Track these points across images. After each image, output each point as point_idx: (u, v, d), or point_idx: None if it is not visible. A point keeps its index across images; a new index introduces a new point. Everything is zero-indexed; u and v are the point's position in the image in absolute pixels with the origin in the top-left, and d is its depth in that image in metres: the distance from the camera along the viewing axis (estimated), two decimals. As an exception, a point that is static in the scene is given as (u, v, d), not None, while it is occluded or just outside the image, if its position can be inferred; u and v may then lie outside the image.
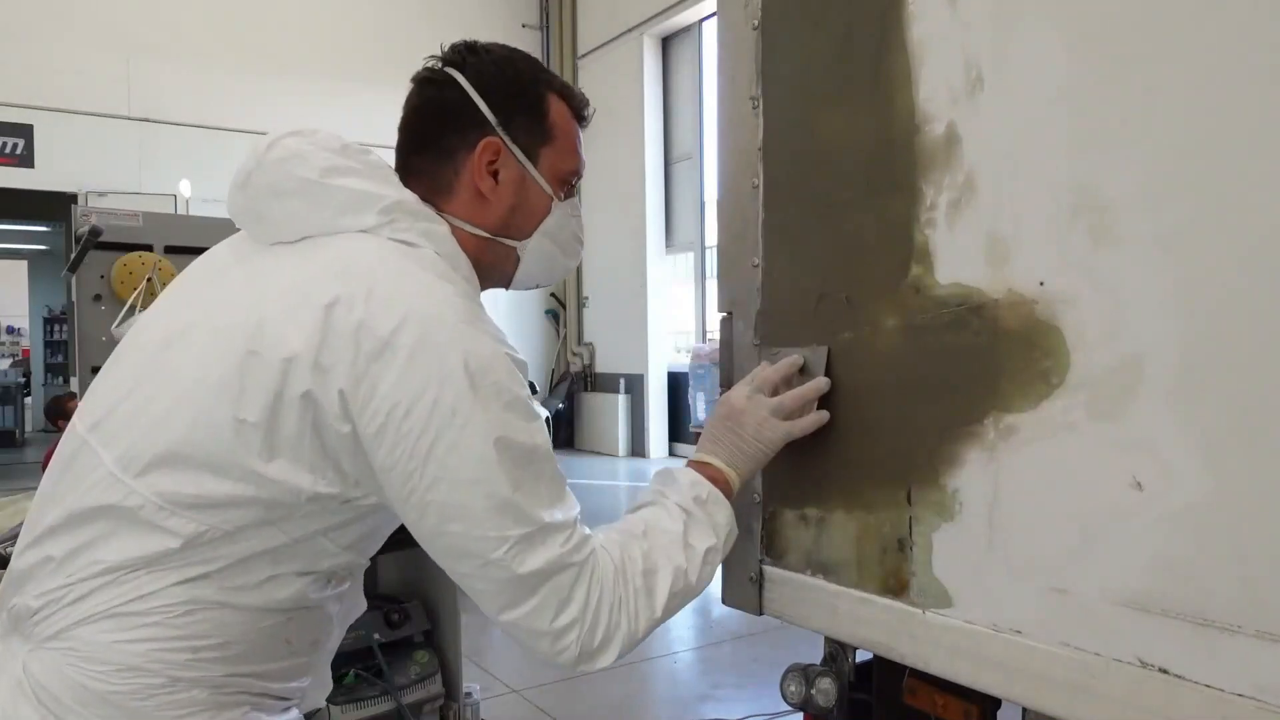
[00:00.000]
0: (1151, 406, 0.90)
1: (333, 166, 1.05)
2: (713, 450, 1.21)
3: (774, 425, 1.21)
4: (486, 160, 1.12)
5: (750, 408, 1.22)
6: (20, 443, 13.37)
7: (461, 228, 1.13)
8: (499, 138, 1.12)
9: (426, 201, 1.11)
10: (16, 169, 9.73)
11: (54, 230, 14.09)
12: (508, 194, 1.14)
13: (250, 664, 1.01)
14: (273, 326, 0.96)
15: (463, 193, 1.13)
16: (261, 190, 1.05)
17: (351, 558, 1.09)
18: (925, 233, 1.12)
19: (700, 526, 1.12)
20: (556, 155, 1.17)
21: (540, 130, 1.15)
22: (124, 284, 3.54)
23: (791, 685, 1.40)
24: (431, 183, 1.13)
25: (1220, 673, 0.85)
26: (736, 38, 1.42)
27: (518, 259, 1.19)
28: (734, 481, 1.19)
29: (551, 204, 1.18)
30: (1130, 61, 0.92)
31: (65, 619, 0.95)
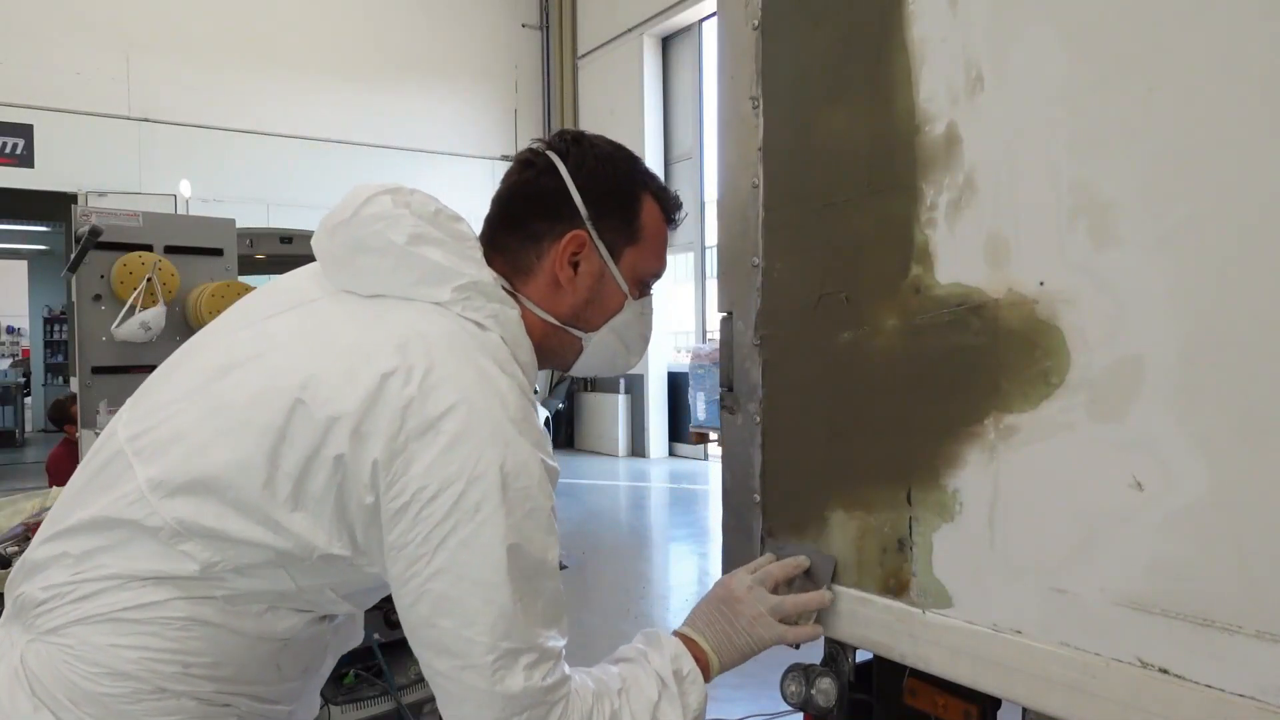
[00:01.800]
0: (1151, 406, 0.90)
1: (420, 235, 1.05)
2: (702, 631, 1.21)
3: (769, 625, 1.20)
4: (571, 251, 1.13)
5: (748, 600, 1.21)
6: (20, 443, 13.37)
7: (532, 311, 1.14)
8: (587, 232, 1.13)
9: (504, 277, 1.12)
10: (16, 169, 9.73)
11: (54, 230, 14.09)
12: (585, 287, 1.15)
13: (239, 684, 1.02)
14: (326, 382, 0.97)
15: (541, 277, 1.14)
16: (348, 242, 1.06)
17: (351, 607, 1.10)
18: (925, 233, 1.12)
19: (672, 703, 1.11)
20: (640, 256, 1.18)
21: (629, 230, 1.16)
22: (124, 284, 3.54)
23: (791, 685, 1.40)
24: (513, 260, 1.14)
25: (1220, 673, 0.85)
26: (736, 38, 1.42)
27: (581, 349, 1.20)
28: (714, 668, 1.19)
29: (625, 302, 1.19)
30: (1130, 61, 0.92)
31: (66, 615, 0.96)
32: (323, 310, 1.06)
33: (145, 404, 1.06)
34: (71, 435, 4.69)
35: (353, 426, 0.94)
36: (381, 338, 1.00)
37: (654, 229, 1.19)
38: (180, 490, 0.97)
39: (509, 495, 0.95)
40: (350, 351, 0.99)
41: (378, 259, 1.04)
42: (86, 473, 1.05)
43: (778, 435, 1.36)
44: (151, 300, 3.55)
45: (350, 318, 1.04)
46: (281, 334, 1.05)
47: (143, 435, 1.02)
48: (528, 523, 0.97)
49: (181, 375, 1.07)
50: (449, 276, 1.05)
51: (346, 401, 0.95)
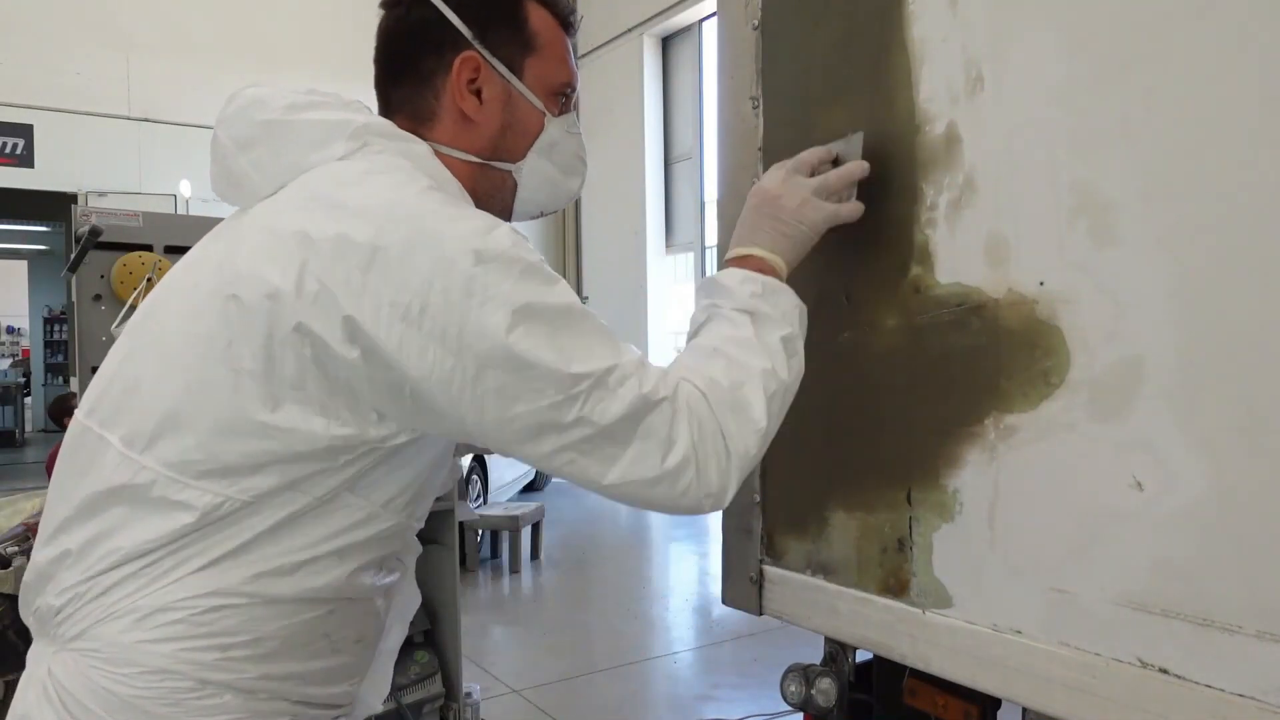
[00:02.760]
0: (1151, 406, 0.90)
1: (294, 103, 0.99)
2: (750, 239, 1.11)
3: (817, 205, 1.11)
4: (466, 78, 1.04)
5: (788, 190, 1.12)
6: (20, 443, 13.38)
7: (450, 155, 1.05)
8: (477, 52, 1.04)
9: (412, 132, 1.04)
10: (16, 169, 9.73)
11: (54, 230, 14.10)
12: (494, 113, 1.06)
13: (286, 663, 0.94)
14: (246, 267, 0.91)
15: (446, 118, 1.06)
16: (228, 148, 1.00)
17: (391, 521, 0.99)
18: (925, 233, 1.12)
19: (769, 322, 1.03)
20: (544, 66, 1.08)
21: (522, 40, 1.07)
22: (124, 284, 3.54)
23: (791, 685, 1.40)
24: (414, 113, 1.06)
25: (1220, 673, 0.85)
26: (736, 38, 1.42)
27: (515, 184, 1.11)
28: (781, 269, 1.09)
29: (544, 120, 1.09)
30: (1130, 61, 0.92)
31: (87, 617, 0.91)
32: (227, 229, 1.01)
33: (94, 384, 1.02)
34: (71, 435, 4.70)
35: (294, 291, 0.87)
36: (281, 205, 0.95)
37: (550, 34, 1.09)
38: (155, 436, 0.91)
39: (490, 267, 0.87)
40: (258, 231, 0.94)
41: (260, 148, 0.98)
42: (61, 466, 1.00)
43: (778, 435, 1.36)
44: (151, 300, 3.55)
45: (252, 214, 0.98)
46: (191, 261, 1.01)
47: (98, 405, 0.97)
48: (525, 283, 0.89)
49: (118, 342, 1.04)
50: (338, 128, 0.98)
51: (273, 274, 0.88)
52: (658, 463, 0.91)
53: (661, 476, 0.92)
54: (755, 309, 1.03)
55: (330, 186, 0.93)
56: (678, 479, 0.92)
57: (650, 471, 0.92)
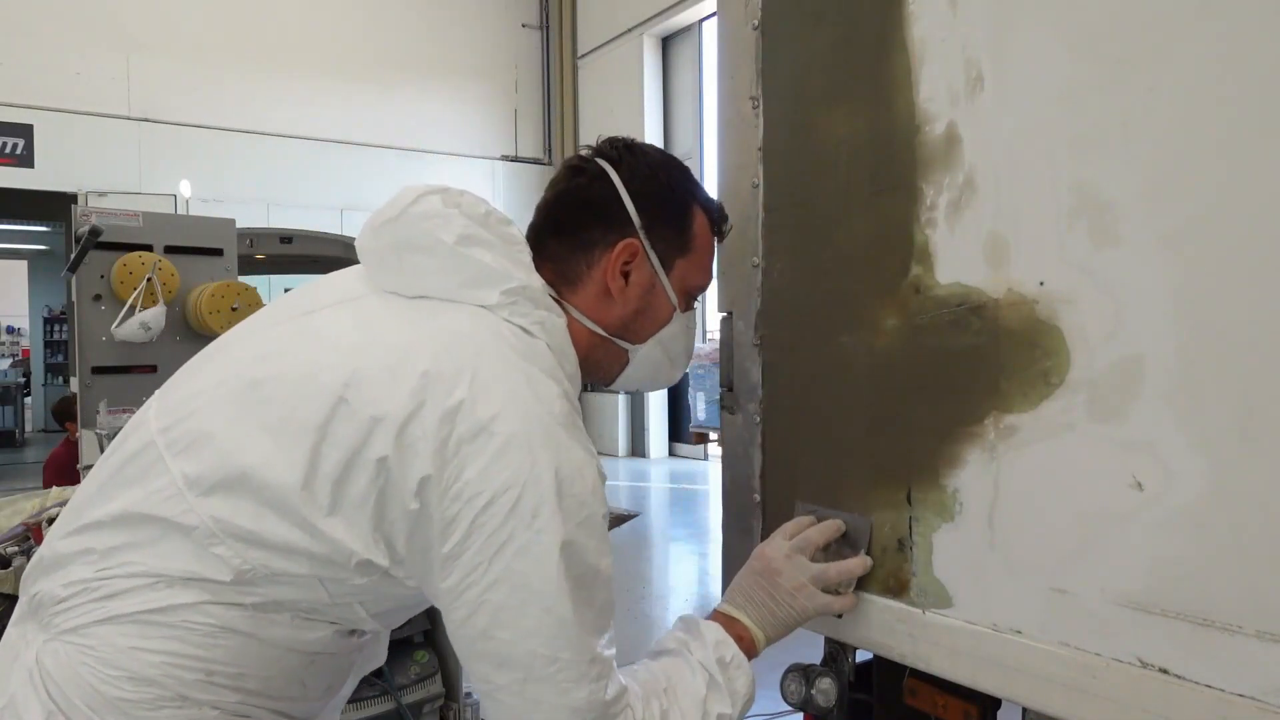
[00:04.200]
0: (1151, 406, 0.90)
1: (469, 236, 1.02)
2: (743, 607, 1.17)
3: (812, 595, 1.16)
4: (623, 260, 1.10)
5: (789, 570, 1.17)
6: (20, 443, 13.37)
7: (580, 321, 1.12)
8: (640, 241, 1.11)
9: (551, 285, 1.10)
10: (16, 169, 9.72)
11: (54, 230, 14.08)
12: (635, 297, 1.12)
13: (263, 698, 0.98)
14: (370, 380, 0.94)
15: (591, 287, 1.12)
16: (394, 241, 1.03)
17: (378, 625, 1.07)
18: (925, 233, 1.12)
19: (719, 693, 1.07)
20: (690, 268, 1.16)
21: (681, 241, 1.14)
22: (124, 284, 3.54)
23: (791, 685, 1.40)
24: (562, 269, 1.12)
25: (1220, 673, 0.85)
26: (736, 38, 1.42)
27: (627, 361, 1.17)
28: (759, 644, 1.16)
29: (673, 314, 1.16)
30: (1130, 61, 0.92)
31: (89, 614, 0.93)
32: (367, 307, 1.03)
33: (177, 395, 1.03)
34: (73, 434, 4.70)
35: (398, 429, 0.91)
36: (426, 337, 0.97)
37: (703, 241, 1.17)
38: (217, 487, 0.93)
39: (565, 501, 0.92)
40: (395, 350, 0.96)
41: (425, 258, 1.02)
42: (112, 463, 1.01)
43: (778, 435, 1.36)
44: (151, 300, 3.56)
45: (395, 316, 1.01)
46: (324, 329, 1.02)
47: (174, 427, 0.98)
48: (583, 529, 0.94)
49: (215, 368, 1.04)
50: (497, 279, 1.02)
51: (390, 402, 0.92)
52: None
53: None
54: (714, 675, 1.08)
55: (476, 347, 0.97)
56: None
57: None
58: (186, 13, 10.50)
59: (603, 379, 1.20)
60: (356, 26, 11.53)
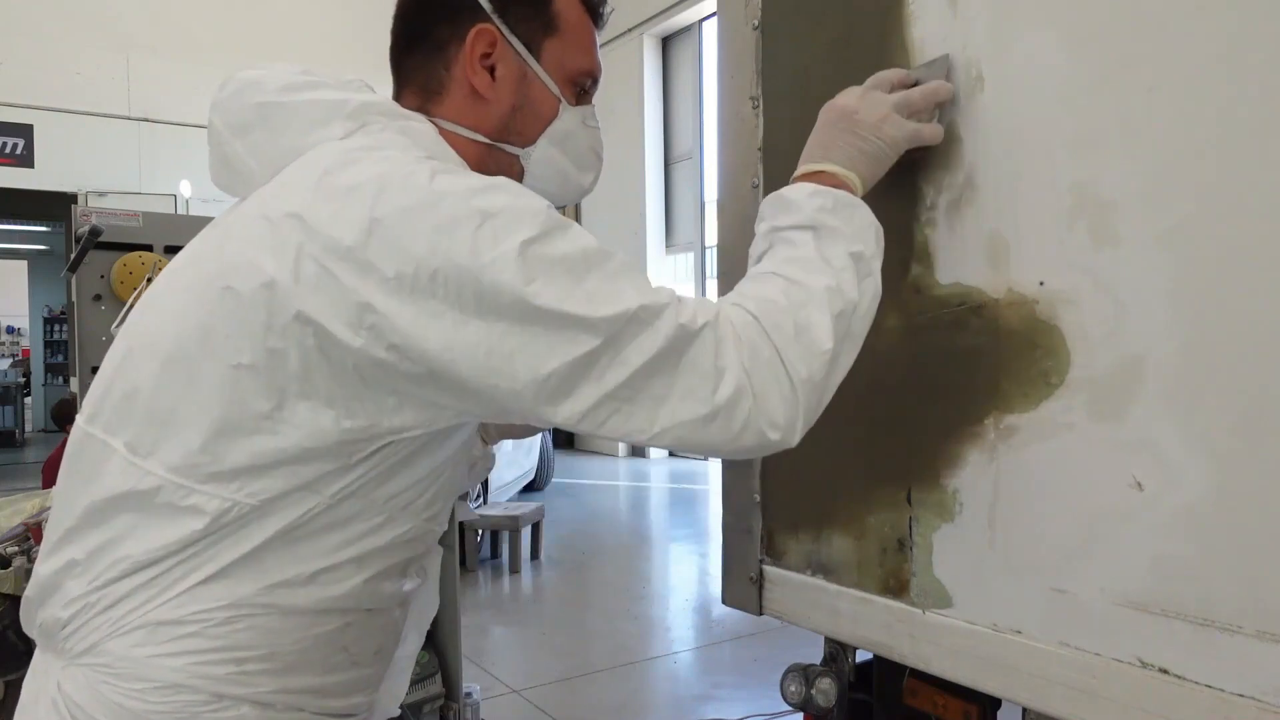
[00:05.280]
0: (1151, 406, 0.90)
1: (291, 84, 0.94)
2: (823, 155, 1.02)
3: (898, 122, 1.03)
4: (480, 52, 0.99)
5: (866, 105, 1.03)
6: (20, 443, 13.38)
7: (456, 132, 1.00)
8: (494, 26, 0.99)
9: (419, 111, 1.00)
10: (16, 169, 9.74)
11: (54, 230, 14.10)
12: (506, 92, 1.01)
13: (303, 677, 0.90)
14: (240, 255, 0.86)
15: (456, 92, 1.01)
16: (223, 134, 0.96)
17: (409, 524, 0.95)
18: (925, 233, 1.12)
19: (837, 238, 0.93)
20: (564, 50, 1.03)
21: (543, 20, 1.02)
22: (124, 284, 3.54)
23: (791, 685, 1.40)
24: (424, 85, 1.02)
25: (1220, 673, 0.85)
26: (736, 38, 1.42)
27: (522, 171, 1.05)
28: (856, 185, 1.00)
29: (559, 106, 1.04)
30: (1130, 61, 0.92)
31: (96, 631, 0.87)
32: (223, 220, 0.96)
33: (93, 388, 0.97)
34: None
35: (293, 277, 0.82)
36: (273, 190, 0.89)
37: (574, 18, 1.05)
38: (159, 440, 0.87)
39: (497, 220, 0.81)
40: (250, 220, 0.88)
41: (256, 132, 0.93)
42: (64, 473, 0.96)
43: (778, 435, 1.36)
44: (151, 300, 3.55)
45: (250, 203, 0.92)
46: (190, 252, 0.96)
47: (99, 410, 0.93)
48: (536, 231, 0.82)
49: (118, 343, 0.98)
50: (336, 108, 0.93)
51: (267, 262, 0.83)
52: (708, 396, 0.83)
53: (714, 412, 0.83)
54: (820, 223, 0.94)
55: (324, 166, 0.88)
56: (733, 412, 0.84)
57: (701, 408, 0.83)
58: (186, 13, 10.51)
59: None
60: (356, 26, 11.52)
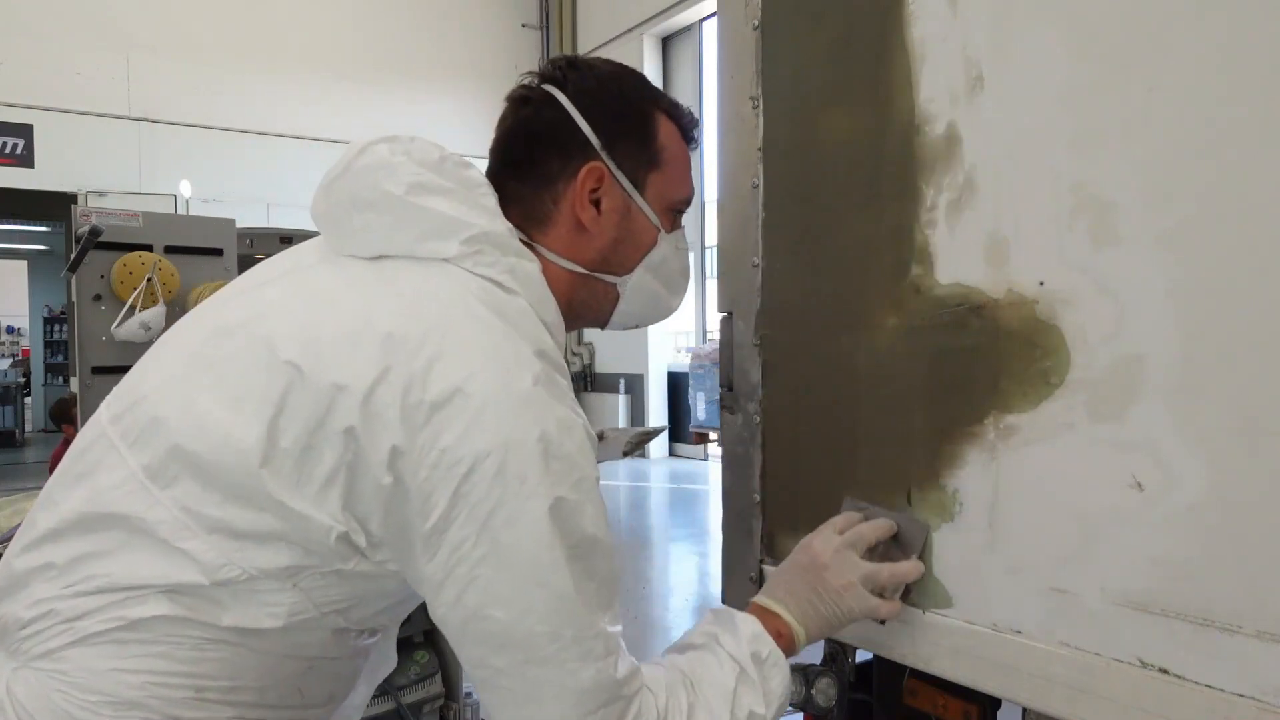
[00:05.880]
0: (1151, 406, 0.90)
1: (421, 183, 0.94)
2: (784, 601, 1.06)
3: (860, 596, 1.06)
4: (589, 188, 1.01)
5: (836, 566, 1.07)
6: (20, 443, 13.38)
7: (557, 263, 1.02)
8: (603, 163, 1.02)
9: (521, 230, 1.01)
10: (16, 169, 9.74)
11: (54, 230, 14.10)
12: (611, 225, 1.03)
13: (257, 710, 0.91)
14: (326, 348, 0.86)
15: (561, 224, 1.02)
16: (343, 199, 0.96)
17: (382, 621, 1.00)
18: (925, 233, 1.12)
19: (752, 690, 0.97)
20: (665, 182, 1.07)
21: (648, 154, 1.05)
22: (124, 284, 3.54)
23: (791, 685, 1.40)
24: (528, 210, 1.03)
25: (1220, 673, 0.84)
26: (736, 38, 1.42)
27: (617, 296, 1.08)
28: (799, 642, 1.05)
29: (658, 236, 1.07)
30: (1130, 61, 0.92)
31: (59, 637, 0.85)
32: (321, 274, 0.96)
33: (129, 382, 0.96)
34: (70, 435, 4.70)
35: (362, 397, 0.83)
36: (387, 299, 0.90)
37: (675, 150, 1.07)
38: (179, 475, 0.86)
39: (553, 463, 0.84)
40: (353, 315, 0.89)
41: (375, 214, 0.94)
42: (67, 465, 0.94)
43: (778, 435, 1.36)
44: (151, 300, 3.56)
45: (351, 281, 0.93)
46: (276, 300, 0.95)
47: (126, 415, 0.91)
48: (576, 494, 0.86)
49: (167, 351, 0.97)
50: (456, 228, 0.93)
51: (350, 368, 0.84)
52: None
53: None
54: (747, 670, 0.98)
55: (442, 305, 0.89)
56: None
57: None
58: (186, 13, 10.51)
59: (595, 320, 1.11)
60: (357, 26, 11.54)
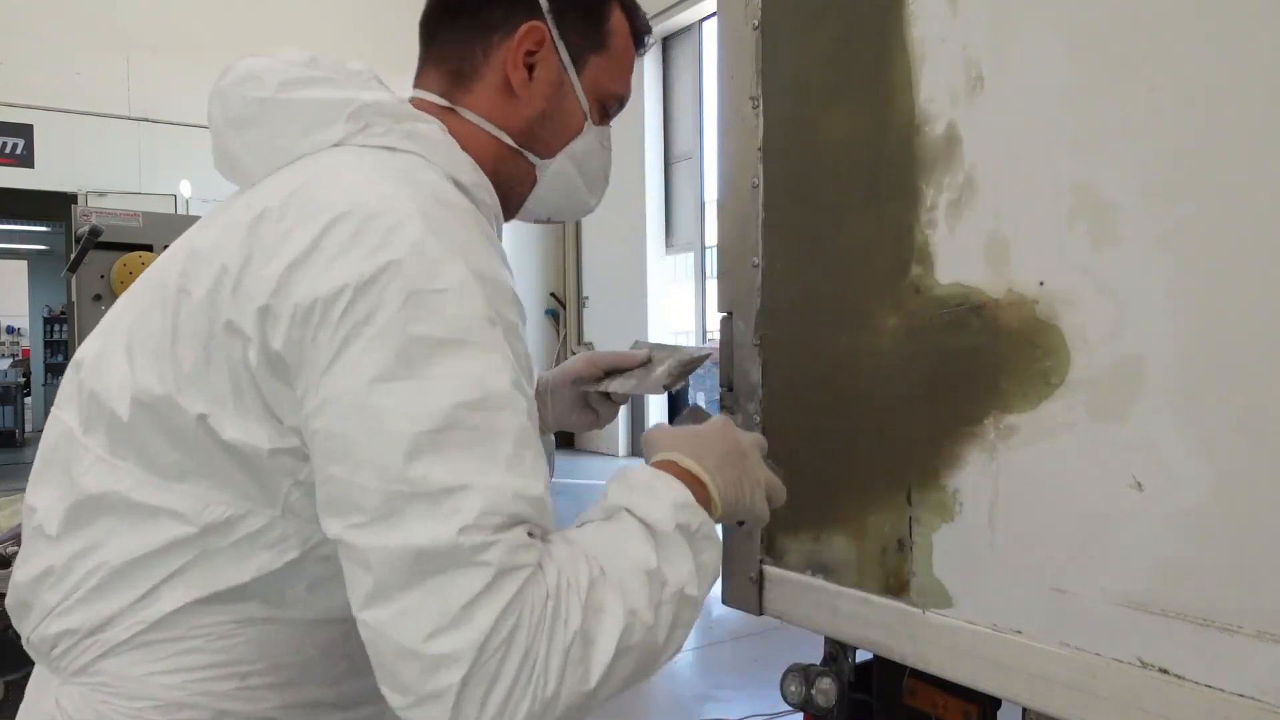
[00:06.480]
0: (1151, 406, 0.90)
1: (292, 79, 0.87)
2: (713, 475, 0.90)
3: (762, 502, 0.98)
4: (526, 49, 0.95)
5: (755, 461, 0.98)
6: (20, 443, 13.37)
7: (480, 126, 0.95)
8: (547, 26, 0.95)
9: (440, 93, 0.96)
10: (16, 169, 9.73)
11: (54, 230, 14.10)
12: (540, 96, 0.96)
13: (307, 689, 0.86)
14: (202, 259, 0.81)
15: (489, 81, 0.95)
16: (221, 127, 0.90)
17: None
18: (925, 233, 1.12)
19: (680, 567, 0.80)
20: (605, 70, 1.00)
21: (595, 35, 0.99)
22: (124, 284, 3.54)
23: (791, 685, 1.40)
24: (455, 63, 0.96)
25: (1220, 673, 0.85)
26: (736, 38, 1.42)
27: (534, 182, 1.01)
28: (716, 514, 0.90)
29: (585, 124, 1.01)
30: (1130, 61, 0.92)
31: (87, 653, 0.82)
32: (213, 214, 0.91)
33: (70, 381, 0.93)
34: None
35: (233, 286, 0.76)
36: (254, 196, 0.84)
37: (622, 44, 1.02)
38: (127, 439, 0.82)
39: (417, 300, 0.71)
40: (227, 219, 0.83)
41: (254, 129, 0.88)
42: (37, 468, 0.91)
43: (778, 435, 1.36)
44: (151, 300, 3.56)
45: (240, 197, 0.87)
46: (167, 253, 0.91)
47: (70, 400, 0.89)
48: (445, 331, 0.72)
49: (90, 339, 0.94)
50: (337, 108, 0.86)
51: (221, 262, 0.78)
52: (421, 634, 0.67)
53: (414, 656, 0.67)
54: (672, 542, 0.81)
55: (310, 172, 0.82)
56: (433, 676, 0.67)
57: (407, 639, 0.68)
58: (186, 13, 10.51)
59: (510, 207, 1.02)
60: (356, 27, 11.53)
